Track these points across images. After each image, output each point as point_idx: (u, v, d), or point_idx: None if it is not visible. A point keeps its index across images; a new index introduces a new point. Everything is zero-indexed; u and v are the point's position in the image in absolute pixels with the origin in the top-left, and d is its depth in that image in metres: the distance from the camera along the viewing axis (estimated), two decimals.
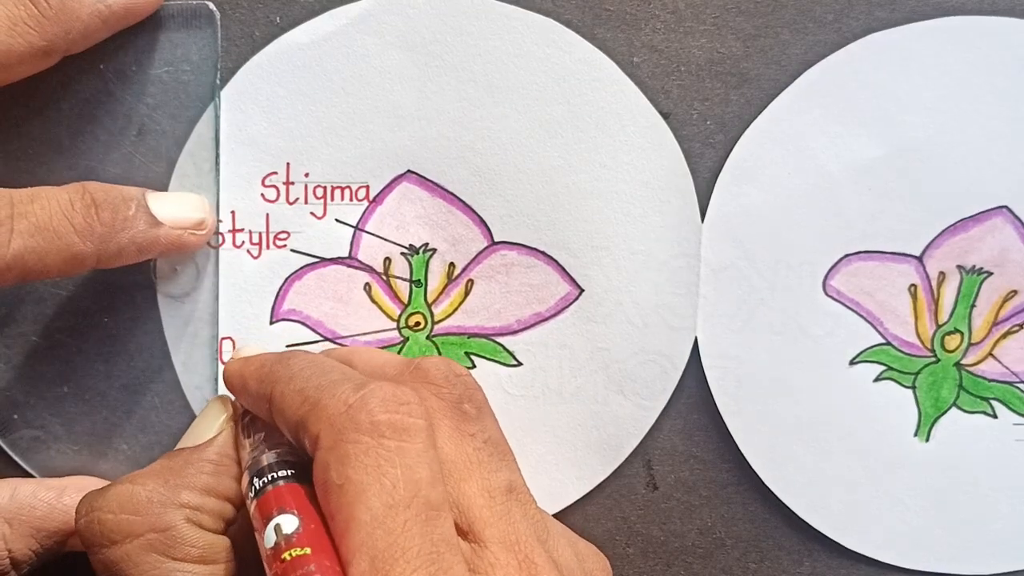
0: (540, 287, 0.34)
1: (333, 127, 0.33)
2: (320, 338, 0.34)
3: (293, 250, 0.34)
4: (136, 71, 0.33)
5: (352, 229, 0.34)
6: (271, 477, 0.27)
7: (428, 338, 0.35)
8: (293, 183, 0.34)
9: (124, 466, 0.34)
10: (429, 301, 0.35)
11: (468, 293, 0.35)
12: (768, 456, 0.35)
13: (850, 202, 0.34)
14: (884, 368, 0.35)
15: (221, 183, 0.34)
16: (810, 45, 0.34)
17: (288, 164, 0.34)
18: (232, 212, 0.34)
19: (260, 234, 0.34)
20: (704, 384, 0.35)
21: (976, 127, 0.34)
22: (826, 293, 0.35)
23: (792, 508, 0.35)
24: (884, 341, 0.35)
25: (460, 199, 0.34)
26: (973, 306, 0.35)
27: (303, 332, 0.34)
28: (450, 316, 0.35)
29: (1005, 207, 0.34)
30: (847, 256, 0.34)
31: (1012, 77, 0.34)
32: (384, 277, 0.34)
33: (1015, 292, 0.35)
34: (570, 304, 0.35)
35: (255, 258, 0.34)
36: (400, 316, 0.35)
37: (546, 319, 0.35)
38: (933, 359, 0.35)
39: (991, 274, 0.35)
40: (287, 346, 0.34)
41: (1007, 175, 0.34)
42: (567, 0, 0.33)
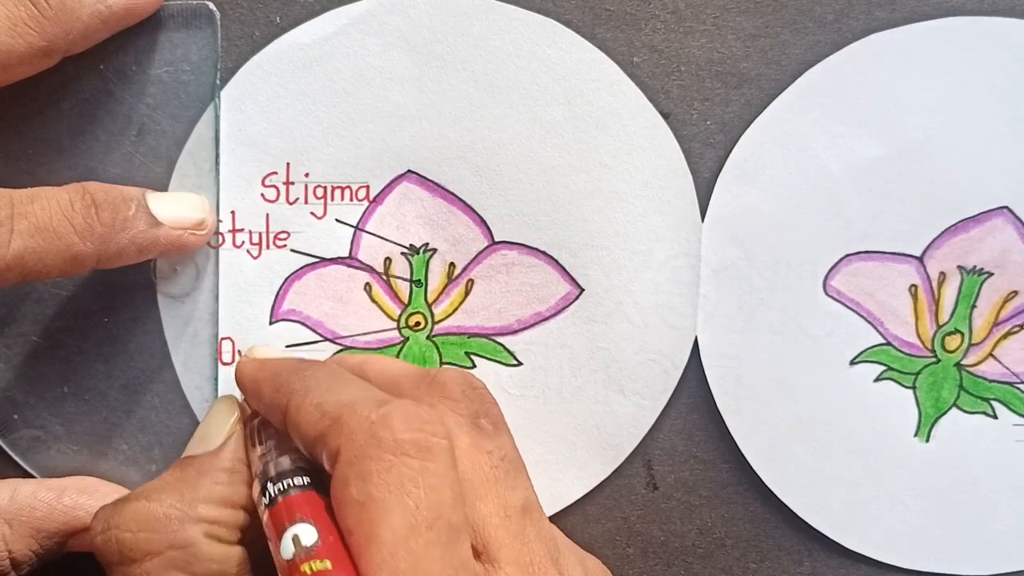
0: (540, 287, 0.34)
1: (333, 127, 0.33)
2: (320, 338, 0.34)
3: (293, 250, 0.34)
4: (136, 71, 0.33)
5: (352, 229, 0.34)
6: (285, 485, 0.26)
7: (428, 338, 0.35)
8: (293, 183, 0.34)
9: (124, 466, 0.34)
10: (429, 301, 0.35)
11: (468, 293, 0.35)
12: (768, 456, 0.35)
13: (851, 202, 0.34)
14: (884, 368, 0.35)
15: (221, 183, 0.33)
16: (810, 45, 0.34)
17: (288, 164, 0.34)
18: (232, 212, 0.34)
19: (260, 234, 0.34)
20: (704, 384, 0.35)
21: (976, 127, 0.34)
22: (826, 293, 0.35)
23: (792, 508, 0.35)
24: (884, 341, 0.35)
25: (460, 199, 0.34)
26: (974, 307, 0.35)
27: (303, 332, 0.34)
28: (450, 316, 0.35)
29: (1006, 207, 0.34)
30: (847, 256, 0.34)
31: (1012, 77, 0.34)
32: (384, 277, 0.34)
33: (1016, 293, 0.35)
34: (570, 304, 0.35)
35: (255, 258, 0.34)
36: (400, 316, 0.35)
37: (546, 319, 0.35)
38: (933, 359, 0.35)
39: (992, 275, 0.34)
40: (287, 346, 0.34)
41: (1008, 175, 0.34)
42: (567, 0, 0.33)
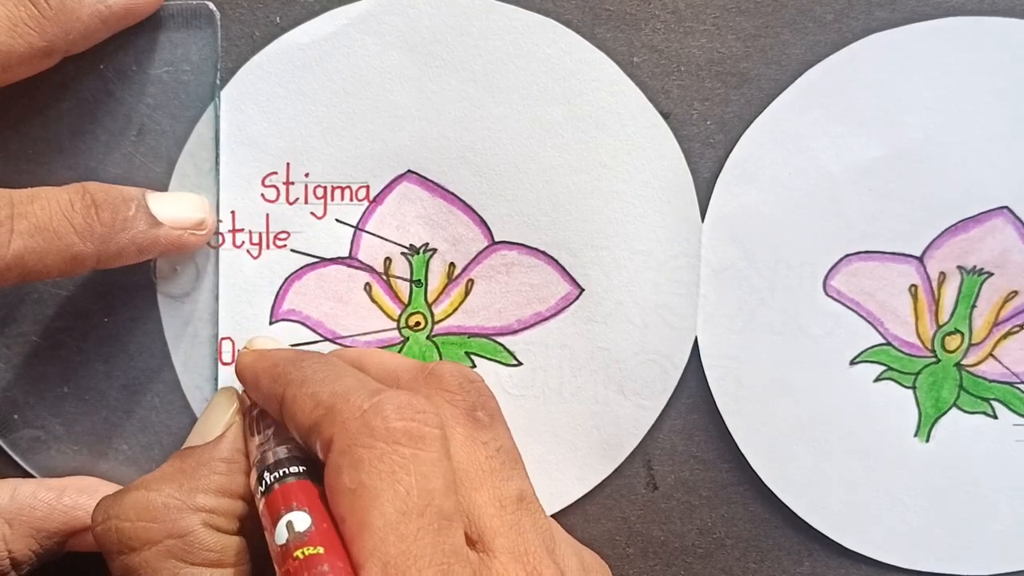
0: (540, 287, 0.34)
1: (333, 127, 0.33)
2: (320, 338, 0.34)
3: (293, 250, 0.34)
4: (136, 71, 0.33)
5: (352, 229, 0.34)
6: (281, 473, 0.27)
7: (428, 338, 0.35)
8: (293, 183, 0.34)
9: (124, 466, 0.34)
10: (429, 301, 0.35)
11: (468, 293, 0.35)
12: (768, 456, 0.35)
13: (850, 202, 0.34)
14: (884, 368, 0.35)
15: (221, 183, 0.33)
16: (810, 45, 0.34)
17: (288, 164, 0.34)
18: (232, 212, 0.34)
19: (260, 234, 0.34)
20: (704, 384, 0.35)
21: (976, 127, 0.34)
22: (826, 293, 0.35)
23: (792, 508, 0.35)
24: (884, 341, 0.35)
25: (460, 199, 0.34)
26: (974, 307, 0.35)
27: (303, 332, 0.34)
28: (450, 316, 0.35)
29: (1006, 208, 0.34)
30: (847, 256, 0.34)
31: (1012, 77, 0.34)
32: (384, 277, 0.34)
33: (1016, 293, 0.35)
34: (570, 304, 0.35)
35: (255, 258, 0.34)
36: (400, 316, 0.35)
37: (546, 319, 0.35)
38: (933, 359, 0.35)
39: (992, 275, 0.34)
40: (288, 346, 0.34)
41: (1007, 175, 0.34)
42: (567, 0, 0.33)
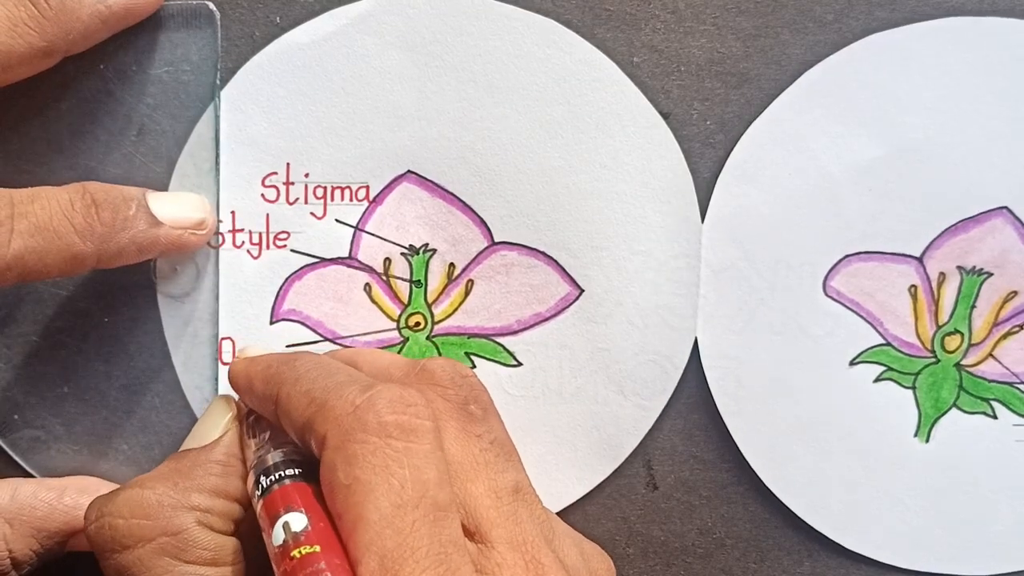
0: (540, 287, 0.34)
1: (333, 127, 0.33)
2: (320, 338, 0.34)
3: (293, 250, 0.34)
4: (136, 71, 0.33)
5: (352, 229, 0.34)
6: (277, 476, 0.27)
7: (428, 338, 0.35)
8: (293, 183, 0.34)
9: (124, 466, 0.34)
10: (429, 301, 0.35)
11: (468, 293, 0.35)
12: (768, 456, 0.35)
13: (850, 202, 0.34)
14: (884, 368, 0.35)
15: (221, 183, 0.34)
16: (810, 45, 0.34)
17: (288, 164, 0.34)
18: (232, 212, 0.34)
19: (260, 234, 0.34)
20: (704, 384, 0.35)
21: (976, 127, 0.34)
22: (826, 293, 0.35)
23: (792, 508, 0.35)
24: (884, 342, 0.35)
25: (460, 199, 0.34)
26: (973, 307, 0.35)
27: (303, 332, 0.34)
28: (450, 316, 0.35)
29: (1005, 208, 0.34)
30: (847, 256, 0.34)
31: (1012, 77, 0.34)
32: (384, 277, 0.34)
33: (1015, 293, 0.35)
34: (570, 304, 0.35)
35: (255, 258, 0.34)
36: (400, 316, 0.35)
37: (546, 319, 0.35)
38: (933, 360, 0.35)
39: (991, 275, 0.34)
40: (287, 346, 0.34)
41: (1007, 176, 0.34)
42: (567, 0, 0.33)
